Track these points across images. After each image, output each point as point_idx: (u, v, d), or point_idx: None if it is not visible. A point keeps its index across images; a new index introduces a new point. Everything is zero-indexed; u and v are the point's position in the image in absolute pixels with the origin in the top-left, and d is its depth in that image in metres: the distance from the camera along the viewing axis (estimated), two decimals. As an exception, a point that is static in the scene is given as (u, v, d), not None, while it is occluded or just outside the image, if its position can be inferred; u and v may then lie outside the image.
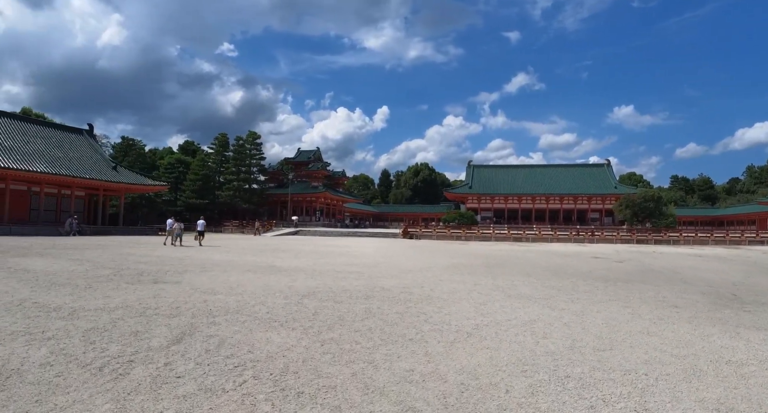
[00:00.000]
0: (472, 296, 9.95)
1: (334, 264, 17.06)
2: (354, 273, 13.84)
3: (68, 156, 44.78)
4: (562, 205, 77.97)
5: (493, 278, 13.60)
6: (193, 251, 22.53)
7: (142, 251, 21.49)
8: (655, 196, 62.58)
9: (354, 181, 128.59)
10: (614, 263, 20.70)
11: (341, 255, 21.46)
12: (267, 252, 22.44)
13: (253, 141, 67.45)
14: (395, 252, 25.68)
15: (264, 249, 25.63)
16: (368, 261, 18.43)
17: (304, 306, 8.21)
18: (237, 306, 8.10)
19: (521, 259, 21.77)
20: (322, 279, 12.18)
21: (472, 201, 79.36)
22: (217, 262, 16.86)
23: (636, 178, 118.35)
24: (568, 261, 21.01)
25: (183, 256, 19.47)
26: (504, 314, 7.96)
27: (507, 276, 14.33)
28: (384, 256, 21.75)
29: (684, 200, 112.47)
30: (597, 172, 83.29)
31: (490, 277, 13.79)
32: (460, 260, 20.32)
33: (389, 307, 8.31)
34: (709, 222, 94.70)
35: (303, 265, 16.23)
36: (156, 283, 10.94)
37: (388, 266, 16.65)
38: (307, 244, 31.52)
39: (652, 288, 11.99)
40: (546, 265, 18.65)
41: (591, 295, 10.52)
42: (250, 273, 13.40)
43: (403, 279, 12.83)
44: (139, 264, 15.15)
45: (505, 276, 14.08)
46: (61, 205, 45.46)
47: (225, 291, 9.91)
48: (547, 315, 7.92)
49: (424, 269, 15.84)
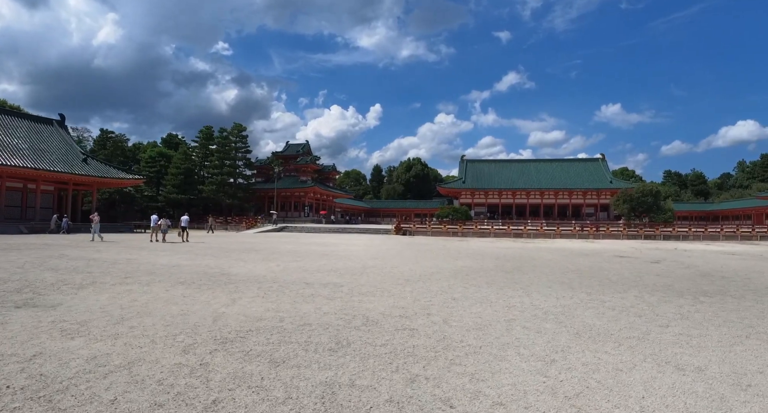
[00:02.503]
0: (517, 336, 5.79)
1: (308, 270, 12.84)
2: (329, 287, 9.63)
3: (33, 147, 40.10)
4: (557, 199, 74.11)
5: (524, 291, 9.45)
6: (146, 253, 18.26)
7: (85, 253, 17.19)
8: (653, 190, 58.89)
9: (346, 177, 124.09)
10: (651, 264, 16.63)
11: (323, 257, 17.24)
12: (234, 254, 18.19)
13: (238, 133, 62.51)
14: (388, 251, 21.50)
15: (235, 248, 21.37)
16: (354, 266, 14.21)
17: (199, 380, 3.98)
18: (69, 379, 3.87)
19: (538, 260, 17.67)
20: (276, 300, 7.96)
21: (466, 196, 75.23)
22: (159, 267, 12.66)
23: (628, 174, 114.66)
24: (595, 263, 16.92)
25: (129, 258, 15.26)
26: (611, 394, 3.78)
27: (539, 287, 10.19)
28: (374, 257, 17.55)
29: (678, 195, 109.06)
30: (592, 167, 79.38)
31: (519, 290, 9.64)
32: (467, 262, 16.17)
33: (374, 378, 4.10)
34: (704, 217, 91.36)
35: (265, 272, 12.01)
36: (19, 308, 6.75)
37: (379, 272, 12.44)
38: (288, 243, 27.25)
39: (759, 306, 7.88)
40: (575, 268, 14.54)
41: (699, 325, 6.40)
42: (181, 287, 9.18)
43: (399, 296, 8.62)
44: (50, 272, 10.89)
45: (538, 288, 9.93)
46: (27, 200, 40.90)
47: (100, 329, 5.68)
48: (703, 395, 3.75)
49: (425, 277, 11.66)
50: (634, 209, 57.11)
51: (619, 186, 68.62)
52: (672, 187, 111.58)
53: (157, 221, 27.56)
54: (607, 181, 73.85)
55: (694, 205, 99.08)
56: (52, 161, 39.54)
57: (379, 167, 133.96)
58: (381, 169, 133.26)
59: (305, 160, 69.09)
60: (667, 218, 58.10)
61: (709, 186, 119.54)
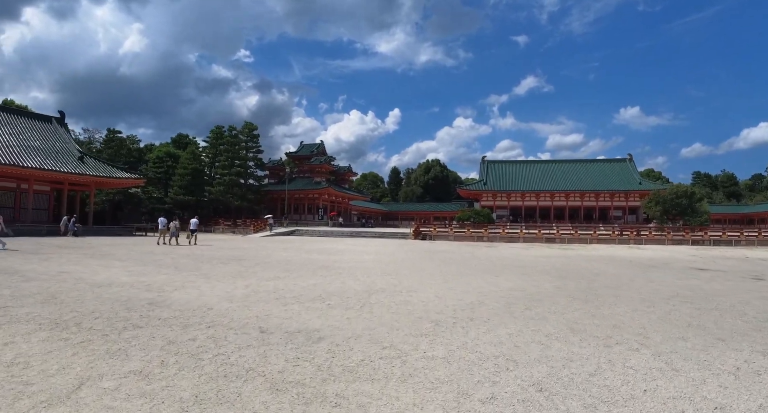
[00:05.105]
0: None
1: (283, 297, 8.48)
2: (296, 342, 5.25)
3: (25, 145, 36.56)
4: (583, 202, 68.67)
5: (654, 354, 4.93)
6: (96, 264, 14.10)
7: (14, 261, 13.12)
8: (688, 191, 53.32)
9: (363, 179, 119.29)
10: (758, 282, 11.92)
11: (318, 272, 12.88)
12: (205, 266, 13.94)
13: (249, 132, 58.38)
14: (404, 262, 17.05)
15: (217, 257, 17.17)
16: (355, 287, 9.80)
17: None
18: None
19: (602, 275, 13.06)
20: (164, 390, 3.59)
21: (487, 198, 70.21)
22: (78, 288, 8.44)
23: (655, 175, 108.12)
24: (684, 280, 12.25)
25: (61, 272, 11.14)
26: None
27: (668, 339, 5.69)
28: (386, 272, 13.09)
29: (710, 197, 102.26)
30: (618, 168, 73.67)
31: (641, 348, 5.14)
32: (513, 280, 11.61)
33: None
34: (738, 220, 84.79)
35: (218, 300, 7.69)
36: None
37: (389, 304, 8.00)
38: (288, 249, 22.95)
39: None
40: (671, 291, 9.94)
41: None
42: (43, 334, 4.89)
43: (425, 375, 4.21)
44: None
45: (669, 343, 5.42)
46: (20, 200, 37.42)
47: None
48: None
49: (463, 313, 7.19)
50: (667, 211, 51.73)
51: (649, 187, 63.07)
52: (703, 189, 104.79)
53: (165, 223, 26.56)
54: (635, 183, 68.30)
55: (727, 207, 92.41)
56: (44, 159, 35.96)
57: (397, 169, 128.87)
58: (399, 171, 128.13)
59: (319, 161, 64.85)
60: (702, 221, 52.61)
61: (740, 187, 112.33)
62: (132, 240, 28.71)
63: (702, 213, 55.32)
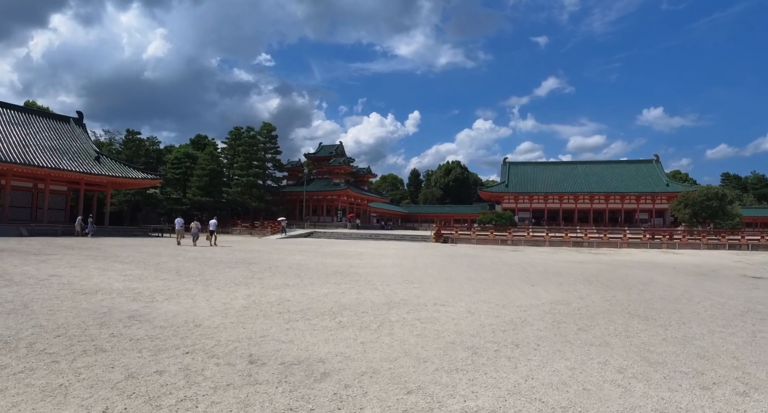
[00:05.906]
0: None
1: (288, 309, 7.22)
2: (293, 379, 3.97)
3: (42, 145, 36.19)
4: (608, 204, 66.21)
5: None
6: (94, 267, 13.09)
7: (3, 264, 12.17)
8: (719, 193, 50.62)
9: (382, 181, 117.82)
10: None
11: (332, 278, 11.62)
12: (210, 270, 12.80)
13: (267, 133, 57.59)
14: (427, 268, 15.68)
15: (225, 260, 16.05)
16: (371, 299, 8.49)
17: None
18: None
19: (651, 285, 11.53)
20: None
21: (509, 200, 68.26)
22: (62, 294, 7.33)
23: (681, 177, 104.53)
24: (750, 293, 10.67)
25: (52, 275, 10.10)
26: None
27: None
28: (407, 279, 11.75)
29: (741, 199, 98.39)
30: (645, 169, 70.88)
31: (761, 398, 3.73)
32: (551, 291, 10.16)
33: None
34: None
35: (210, 314, 6.46)
36: None
37: (411, 322, 6.67)
38: (302, 252, 21.76)
39: None
40: (744, 306, 8.42)
41: None
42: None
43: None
44: None
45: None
46: (37, 201, 37.07)
47: None
48: None
49: (507, 330, 5.83)
50: (697, 214, 49.23)
51: (677, 189, 60.26)
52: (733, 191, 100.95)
53: (182, 224, 26.72)
54: (663, 184, 65.54)
55: (759, 210, 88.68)
56: (60, 159, 35.53)
57: (417, 171, 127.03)
58: (419, 173, 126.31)
59: (338, 162, 63.78)
60: (735, 224, 50.06)
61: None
62: (145, 241, 27.92)
63: (734, 216, 52.60)
